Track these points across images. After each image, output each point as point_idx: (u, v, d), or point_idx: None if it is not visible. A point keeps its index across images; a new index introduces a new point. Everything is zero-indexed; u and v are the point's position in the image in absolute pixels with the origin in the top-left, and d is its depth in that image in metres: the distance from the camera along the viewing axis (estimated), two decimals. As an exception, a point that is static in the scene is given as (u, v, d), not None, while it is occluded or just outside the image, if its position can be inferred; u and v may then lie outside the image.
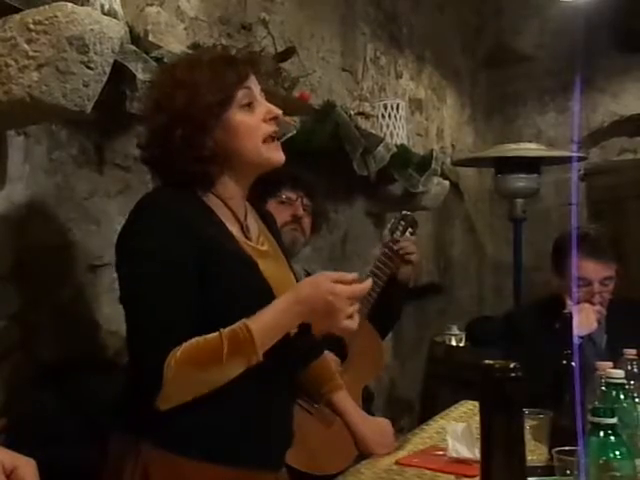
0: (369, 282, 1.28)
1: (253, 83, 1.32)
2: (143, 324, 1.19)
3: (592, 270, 2.07)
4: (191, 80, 1.25)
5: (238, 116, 1.28)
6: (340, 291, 1.20)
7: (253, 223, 1.40)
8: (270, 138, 1.31)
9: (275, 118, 1.32)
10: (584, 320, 2.05)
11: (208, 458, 1.22)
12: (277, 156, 1.33)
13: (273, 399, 1.30)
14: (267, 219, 1.50)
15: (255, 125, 1.29)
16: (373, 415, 1.74)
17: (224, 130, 1.27)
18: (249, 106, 1.30)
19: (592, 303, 2.09)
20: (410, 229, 2.16)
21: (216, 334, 1.17)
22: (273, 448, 1.34)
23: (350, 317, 1.22)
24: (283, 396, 1.35)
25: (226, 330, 1.17)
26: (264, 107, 1.32)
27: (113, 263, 1.84)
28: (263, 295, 1.26)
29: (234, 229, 1.31)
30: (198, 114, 1.24)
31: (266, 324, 1.19)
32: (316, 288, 1.21)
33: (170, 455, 1.22)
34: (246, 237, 1.34)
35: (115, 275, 1.84)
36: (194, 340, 1.17)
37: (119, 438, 1.28)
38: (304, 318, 1.22)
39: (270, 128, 1.31)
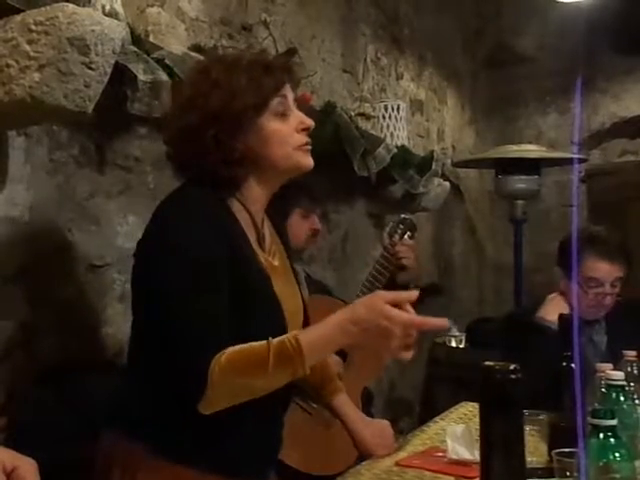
0: (440, 321, 1.23)
1: (288, 91, 1.31)
2: (184, 328, 1.15)
3: (606, 271, 2.06)
4: (228, 82, 1.24)
5: (272, 123, 1.27)
6: (396, 316, 1.16)
7: (267, 233, 1.38)
8: (303, 146, 1.31)
9: (307, 129, 1.31)
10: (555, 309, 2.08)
11: (197, 465, 1.22)
12: (307, 161, 1.32)
13: (265, 407, 1.28)
14: (278, 227, 1.48)
15: (288, 134, 1.29)
16: (372, 416, 1.74)
17: (257, 135, 1.26)
18: (283, 114, 1.29)
19: (603, 304, 2.08)
20: (409, 232, 2.17)
21: (264, 342, 1.15)
22: (263, 455, 1.34)
23: (406, 347, 1.18)
24: (275, 403, 1.33)
25: (275, 340, 1.15)
26: (297, 117, 1.31)
27: (113, 263, 1.87)
28: (275, 312, 1.26)
29: (252, 238, 1.30)
30: (233, 116, 1.23)
31: (316, 338, 1.17)
32: (372, 310, 1.16)
33: (159, 462, 1.21)
34: (261, 247, 1.33)
35: (115, 275, 1.87)
36: (238, 347, 1.15)
37: (109, 441, 1.28)
38: (355, 339, 1.18)
39: (302, 139, 1.30)
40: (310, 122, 1.32)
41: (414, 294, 1.21)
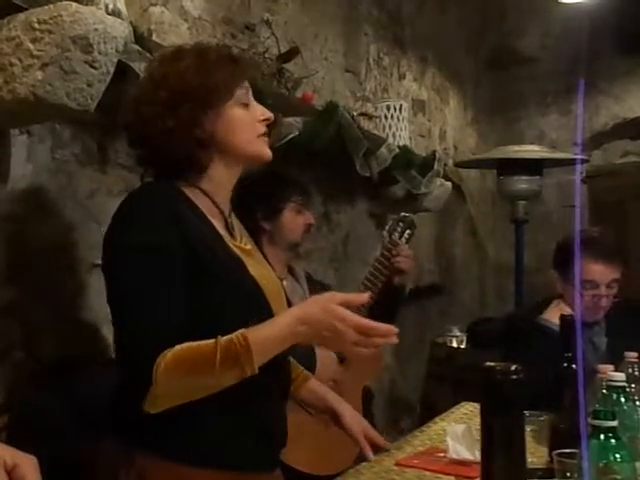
0: (388, 328, 1.20)
1: (247, 85, 1.36)
2: (134, 323, 1.17)
3: (601, 273, 2.06)
4: (199, 63, 1.29)
5: (236, 111, 1.32)
6: (348, 318, 1.17)
7: (236, 222, 1.41)
8: (262, 136, 1.35)
9: (267, 120, 1.37)
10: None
11: (203, 463, 1.21)
12: (266, 151, 1.37)
13: (265, 399, 1.29)
14: (243, 223, 1.49)
15: (250, 122, 1.34)
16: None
17: (221, 120, 1.30)
18: (245, 105, 1.34)
19: (599, 306, 2.08)
20: (408, 231, 2.16)
21: (211, 341, 1.15)
22: (267, 448, 1.34)
23: (362, 345, 1.18)
24: (274, 395, 1.34)
25: (223, 338, 1.15)
26: (259, 109, 1.36)
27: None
28: (254, 295, 1.27)
29: (219, 227, 1.32)
30: (206, 92, 1.27)
31: (266, 337, 1.17)
32: (325, 312, 1.17)
33: (164, 462, 1.21)
34: (231, 235, 1.34)
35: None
36: (186, 344, 1.15)
37: (111, 443, 1.28)
38: (307, 339, 1.20)
39: (262, 128, 1.36)
40: (270, 115, 1.37)
41: (364, 297, 1.25)
